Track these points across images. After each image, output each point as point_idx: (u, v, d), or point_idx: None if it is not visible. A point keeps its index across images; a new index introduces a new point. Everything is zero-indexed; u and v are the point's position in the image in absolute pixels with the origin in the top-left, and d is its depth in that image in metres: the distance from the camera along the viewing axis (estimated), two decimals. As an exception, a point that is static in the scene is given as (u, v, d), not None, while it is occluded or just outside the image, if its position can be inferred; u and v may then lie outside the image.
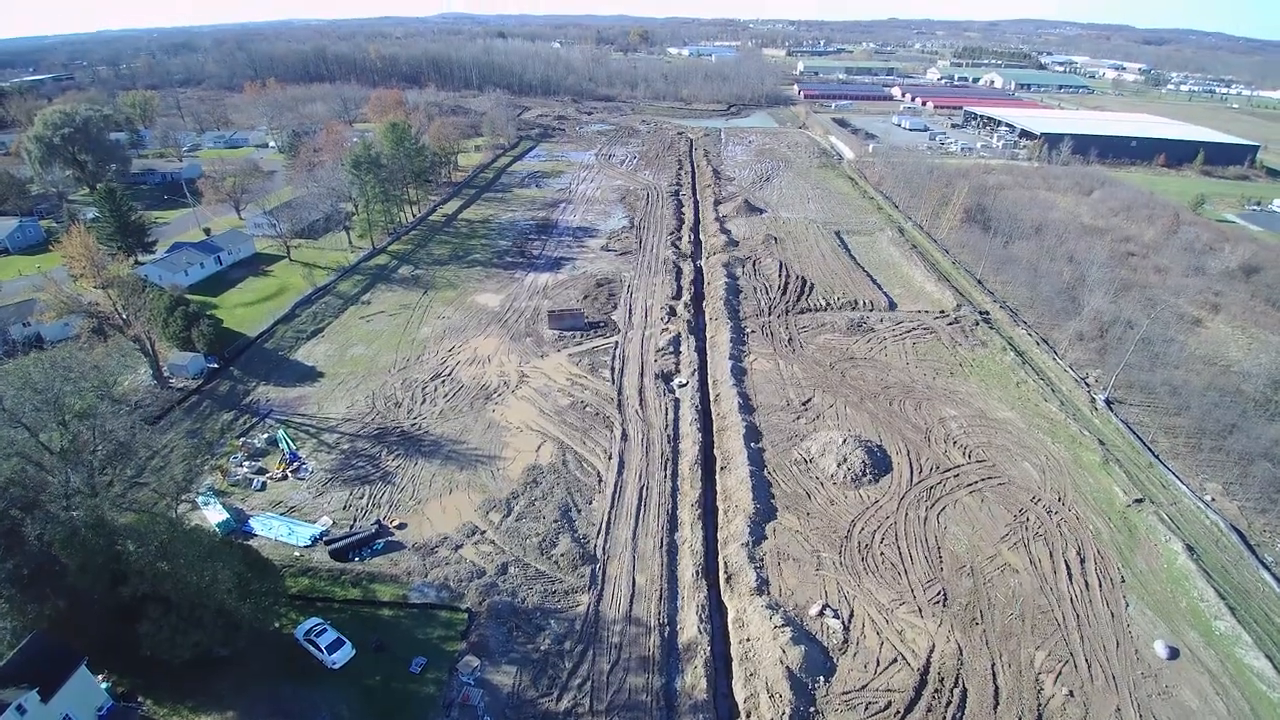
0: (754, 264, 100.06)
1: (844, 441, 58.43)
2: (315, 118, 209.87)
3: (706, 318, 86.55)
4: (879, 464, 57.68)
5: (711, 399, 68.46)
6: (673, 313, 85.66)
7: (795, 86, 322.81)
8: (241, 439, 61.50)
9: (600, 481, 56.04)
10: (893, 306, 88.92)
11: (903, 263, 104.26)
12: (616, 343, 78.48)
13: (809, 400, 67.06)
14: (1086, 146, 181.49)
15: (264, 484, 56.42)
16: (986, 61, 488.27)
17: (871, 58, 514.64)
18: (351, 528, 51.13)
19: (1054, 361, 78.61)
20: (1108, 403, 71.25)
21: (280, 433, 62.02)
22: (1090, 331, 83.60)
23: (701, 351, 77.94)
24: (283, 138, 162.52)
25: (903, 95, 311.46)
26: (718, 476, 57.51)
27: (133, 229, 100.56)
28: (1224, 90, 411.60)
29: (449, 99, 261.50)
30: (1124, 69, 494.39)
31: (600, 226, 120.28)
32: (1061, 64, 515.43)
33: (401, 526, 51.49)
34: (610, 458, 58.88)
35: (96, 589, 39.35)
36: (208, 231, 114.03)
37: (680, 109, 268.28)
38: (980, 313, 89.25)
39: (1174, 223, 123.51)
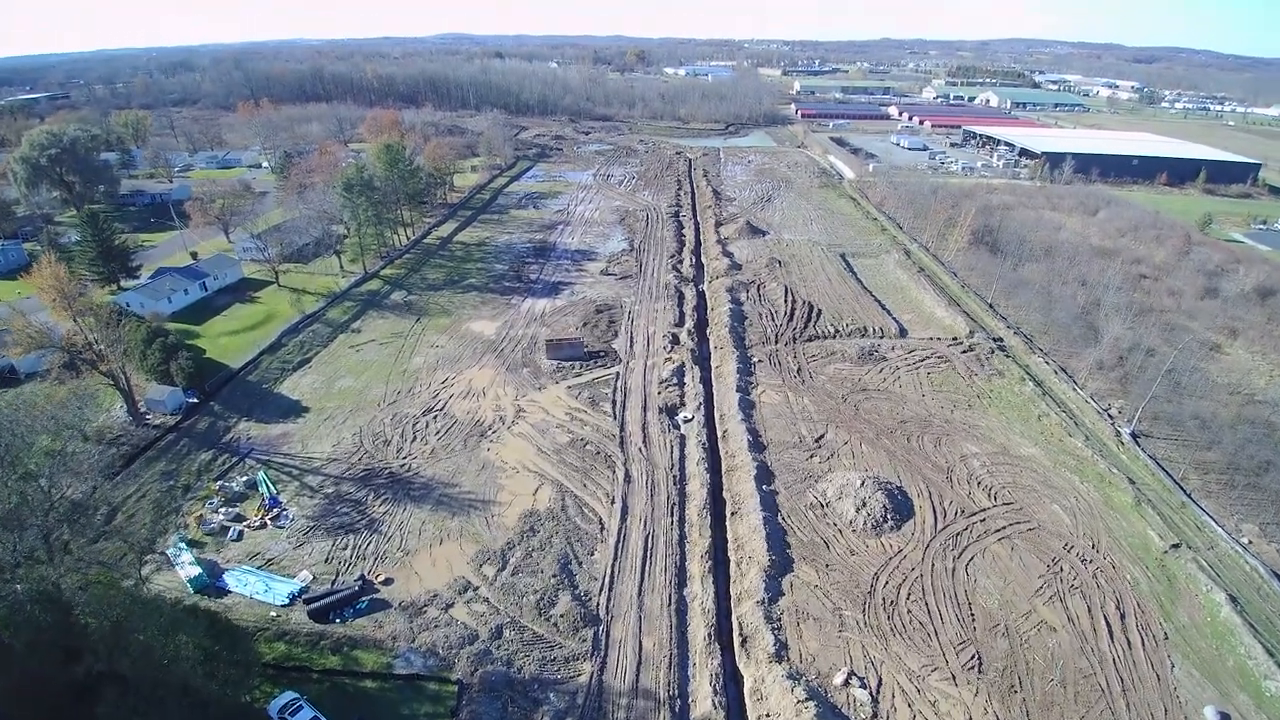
0: (758, 289, 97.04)
1: (862, 483, 54.92)
2: (310, 138, 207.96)
3: (711, 346, 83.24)
4: (900, 508, 54.12)
5: (719, 435, 64.91)
6: (675, 341, 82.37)
7: (793, 106, 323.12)
8: (219, 482, 57.66)
9: (602, 529, 52.29)
10: (904, 333, 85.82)
11: (911, 286, 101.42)
12: (618, 374, 75.03)
13: (822, 436, 63.59)
14: (1088, 165, 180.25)
15: (241, 533, 52.55)
16: (981, 80, 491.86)
17: (866, 77, 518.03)
18: (333, 584, 47.29)
19: (1074, 392, 75.39)
20: (1134, 436, 68.02)
21: (260, 475, 58.32)
22: (1109, 359, 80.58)
23: (707, 383, 74.51)
24: (275, 158, 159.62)
25: (899, 114, 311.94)
26: (728, 522, 53.81)
27: (116, 253, 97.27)
28: (1218, 107, 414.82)
29: (446, 119, 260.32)
30: (1117, 87, 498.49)
31: (599, 249, 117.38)
32: (1055, 82, 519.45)
33: (388, 582, 47.62)
34: (613, 502, 55.19)
35: (48, 667, 35.47)
36: (195, 255, 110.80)
37: (678, 128, 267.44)
38: (994, 339, 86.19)
39: (1185, 244, 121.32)
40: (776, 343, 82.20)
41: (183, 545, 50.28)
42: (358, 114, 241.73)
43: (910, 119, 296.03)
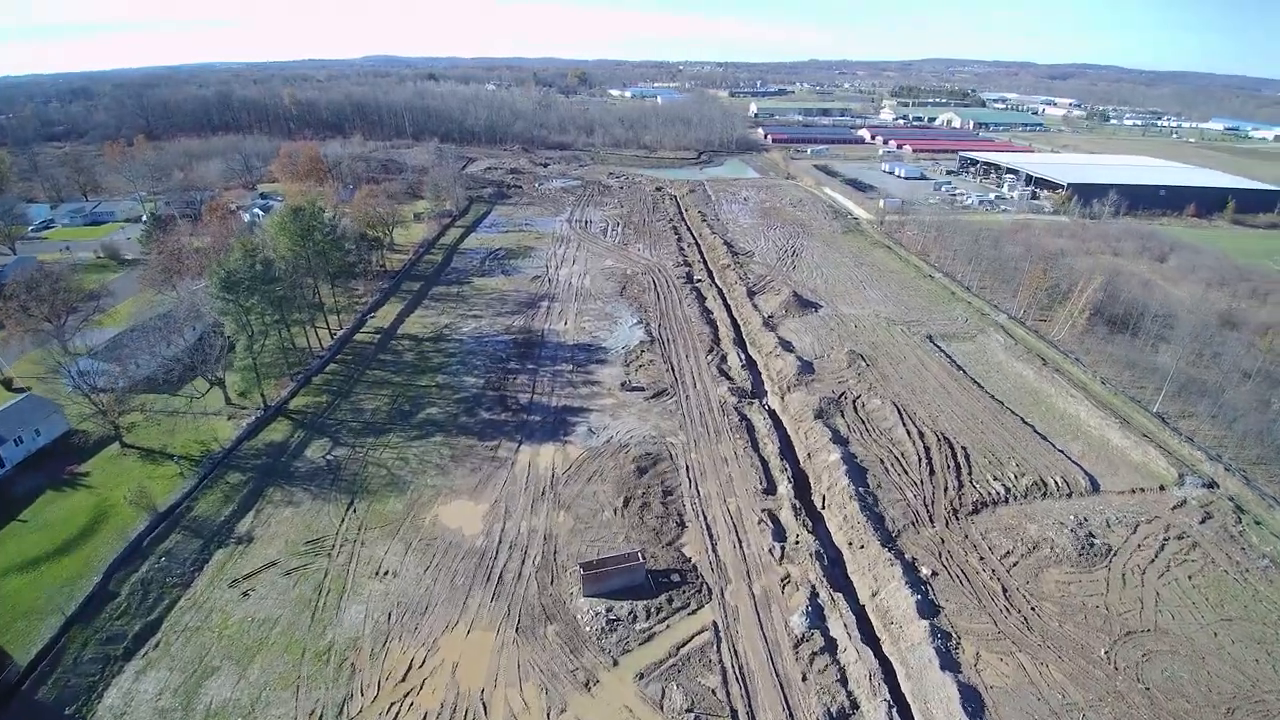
0: (855, 407, 67.97)
1: None
2: (208, 181, 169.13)
3: (831, 532, 53.08)
4: None
5: (954, 800, 34.49)
6: (779, 531, 51.85)
7: (760, 130, 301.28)
8: None
9: None
10: (1096, 486, 57.99)
11: (1047, 389, 74.22)
12: (715, 627, 43.62)
13: (1149, 793, 34.13)
14: (1111, 195, 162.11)
15: None
16: (930, 100, 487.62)
17: (823, 99, 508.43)
18: None
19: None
20: None
21: None
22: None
23: (860, 617, 44.00)
24: (145, 220, 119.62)
25: (873, 138, 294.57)
26: None
27: None
28: (1162, 123, 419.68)
29: (379, 151, 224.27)
30: (1055, 104, 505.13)
31: (607, 341, 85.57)
32: (999, 101, 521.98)
33: None
34: None
35: None
36: (8, 384, 73.56)
37: (646, 157, 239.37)
38: (1209, 486, 59.39)
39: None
40: (932, 522, 52.78)
41: None
42: (270, 147, 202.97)
43: (887, 143, 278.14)
